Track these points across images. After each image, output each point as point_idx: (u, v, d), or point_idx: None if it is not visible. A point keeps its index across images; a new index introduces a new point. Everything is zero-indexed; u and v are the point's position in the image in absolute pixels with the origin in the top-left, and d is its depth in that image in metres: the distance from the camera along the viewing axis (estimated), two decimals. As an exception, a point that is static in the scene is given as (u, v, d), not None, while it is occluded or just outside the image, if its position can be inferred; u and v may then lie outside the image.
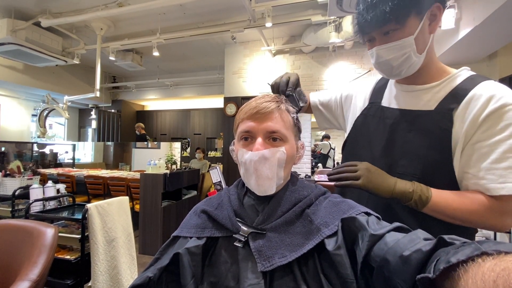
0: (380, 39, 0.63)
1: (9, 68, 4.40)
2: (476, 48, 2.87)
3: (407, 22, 0.59)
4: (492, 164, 0.57)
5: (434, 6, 0.60)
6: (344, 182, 0.63)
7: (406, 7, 0.58)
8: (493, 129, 0.57)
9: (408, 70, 0.65)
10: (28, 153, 4.69)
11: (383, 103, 0.75)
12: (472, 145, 0.60)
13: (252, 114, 0.56)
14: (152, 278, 0.53)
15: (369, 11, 0.60)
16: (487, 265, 0.27)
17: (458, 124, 0.61)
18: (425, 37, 0.62)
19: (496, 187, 0.57)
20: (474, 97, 0.60)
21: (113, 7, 3.11)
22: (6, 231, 1.28)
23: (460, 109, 0.61)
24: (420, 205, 0.60)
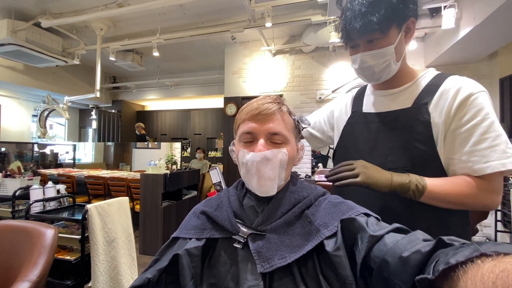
0: (364, 46, 0.69)
1: (9, 68, 4.40)
2: (476, 48, 2.87)
3: (390, 32, 0.66)
4: (473, 147, 0.63)
5: (409, 20, 0.68)
6: (344, 181, 0.64)
7: (389, 19, 0.64)
8: (467, 116, 0.63)
9: (387, 76, 0.72)
10: (28, 153, 4.69)
11: (364, 110, 0.81)
12: (451, 132, 0.65)
13: (253, 115, 0.56)
14: (151, 279, 0.53)
15: (357, 19, 0.65)
16: (486, 266, 0.27)
17: (435, 115, 0.67)
18: (402, 46, 0.70)
19: (481, 167, 0.61)
20: (444, 90, 0.67)
21: (113, 7, 3.11)
22: (6, 231, 1.28)
23: (434, 102, 0.67)
24: (418, 194, 0.62)
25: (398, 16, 0.64)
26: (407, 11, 0.66)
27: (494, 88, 3.25)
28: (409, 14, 0.66)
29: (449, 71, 0.72)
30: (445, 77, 0.69)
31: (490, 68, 3.29)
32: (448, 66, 3.40)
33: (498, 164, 0.60)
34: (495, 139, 0.61)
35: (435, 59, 3.23)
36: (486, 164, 0.61)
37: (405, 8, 0.65)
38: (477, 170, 0.62)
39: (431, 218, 0.68)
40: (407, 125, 0.69)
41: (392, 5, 0.63)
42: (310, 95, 3.98)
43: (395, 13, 0.63)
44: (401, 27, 0.67)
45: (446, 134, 0.66)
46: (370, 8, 0.63)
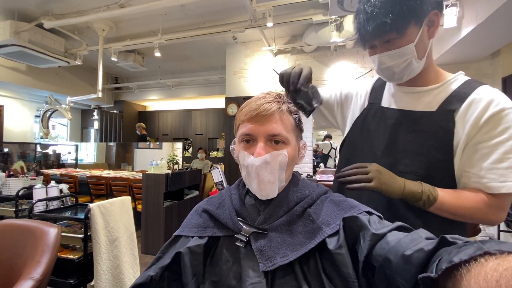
0: (382, 47, 0.66)
1: (12, 69, 4.43)
2: (479, 47, 2.86)
3: (407, 31, 0.62)
4: (493, 164, 0.61)
5: (431, 13, 0.63)
6: (357, 185, 0.62)
7: (405, 18, 0.60)
8: (493, 131, 0.61)
9: (410, 75, 0.68)
10: (31, 153, 4.73)
11: (382, 103, 0.77)
12: (473, 145, 0.63)
13: (252, 116, 0.55)
14: (154, 277, 0.53)
15: (370, 21, 0.62)
16: (490, 265, 0.27)
17: (459, 125, 0.64)
18: (425, 42, 0.65)
19: (497, 185, 0.60)
20: (475, 100, 0.63)
21: (115, 8, 3.13)
22: (10, 231, 1.29)
23: (461, 111, 0.64)
24: (428, 204, 0.62)
25: (415, 13, 0.60)
26: (427, 6, 0.61)
27: (496, 87, 3.19)
28: (429, 9, 0.62)
29: (452, 70, 0.70)
30: (476, 85, 0.65)
31: (493, 67, 3.27)
32: (450, 65, 3.38)
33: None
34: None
35: (437, 58, 3.22)
36: (503, 184, 0.60)
37: (423, 3, 0.60)
38: (492, 188, 0.61)
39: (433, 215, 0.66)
40: (428, 130, 0.66)
41: (407, 3, 0.59)
42: (312, 95, 3.98)
43: (411, 10, 0.60)
44: (422, 23, 0.62)
45: (467, 146, 0.63)
46: (382, 9, 0.60)
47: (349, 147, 0.81)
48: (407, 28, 0.61)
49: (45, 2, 3.21)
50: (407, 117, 0.70)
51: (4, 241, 1.26)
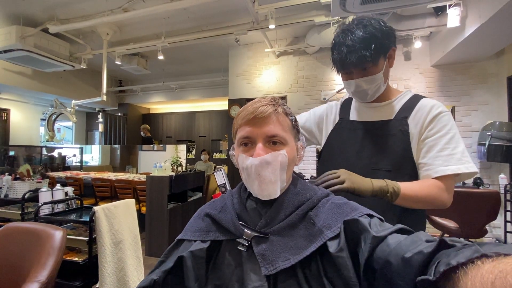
0: (358, 73, 0.81)
1: (18, 73, 4.50)
2: (482, 46, 2.83)
3: (379, 62, 0.79)
4: (437, 153, 0.77)
5: (391, 49, 0.82)
6: (333, 187, 0.69)
7: (378, 52, 0.78)
8: (435, 129, 0.79)
9: (376, 94, 0.85)
10: (37, 156, 4.78)
11: (351, 117, 0.93)
12: (422, 141, 0.80)
13: (249, 120, 0.56)
14: (157, 281, 0.54)
15: (352, 54, 0.77)
16: (486, 267, 0.27)
17: (412, 127, 0.82)
18: (387, 71, 0.84)
19: (442, 169, 0.75)
20: (420, 107, 0.82)
21: (119, 12, 3.16)
22: (16, 233, 1.31)
23: (411, 116, 0.82)
24: (394, 196, 0.72)
25: (384, 48, 0.79)
26: (390, 43, 0.79)
27: (501, 86, 3.20)
28: (390, 45, 0.80)
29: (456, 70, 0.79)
30: (420, 98, 0.85)
31: (497, 66, 3.24)
32: (454, 65, 3.35)
33: (455, 168, 0.74)
34: (454, 149, 0.76)
35: (440, 58, 3.19)
36: (446, 167, 0.75)
37: (388, 41, 0.79)
38: (439, 171, 0.75)
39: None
40: (390, 133, 0.83)
41: (379, 40, 0.77)
42: (315, 96, 3.98)
43: (382, 46, 0.78)
44: (386, 56, 0.81)
45: (418, 142, 0.80)
46: (362, 44, 0.76)
47: (327, 156, 0.96)
48: (379, 60, 0.79)
49: (50, 7, 3.26)
50: (372, 126, 0.87)
51: (10, 244, 1.28)
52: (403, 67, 3.62)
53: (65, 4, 3.18)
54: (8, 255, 1.24)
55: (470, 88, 3.35)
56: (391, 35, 0.79)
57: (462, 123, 3.39)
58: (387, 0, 1.93)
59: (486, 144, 2.95)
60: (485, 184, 3.23)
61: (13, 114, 5.24)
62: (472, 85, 3.34)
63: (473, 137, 3.33)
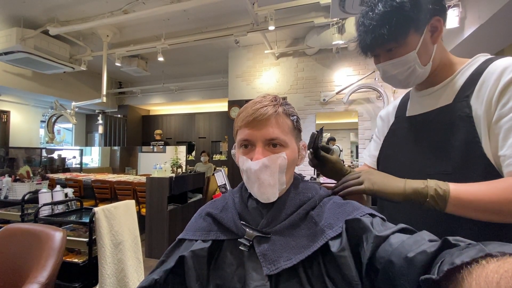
0: (384, 55, 0.65)
1: (18, 75, 4.50)
2: (482, 47, 2.84)
3: (407, 40, 0.61)
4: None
5: (433, 19, 0.61)
6: (348, 189, 0.62)
7: (403, 27, 0.59)
8: (511, 102, 0.52)
9: (416, 80, 0.66)
10: (37, 158, 4.78)
11: (407, 114, 0.75)
12: (495, 124, 0.54)
13: (249, 122, 0.55)
14: (158, 281, 0.54)
15: (368, 34, 0.63)
16: (491, 266, 0.27)
17: (476, 107, 0.57)
18: (428, 49, 0.63)
19: None
20: (487, 75, 0.57)
21: (119, 14, 3.17)
22: (16, 235, 1.30)
23: (475, 93, 0.58)
24: (440, 201, 0.52)
25: (413, 22, 0.59)
26: (426, 13, 0.60)
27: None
28: (428, 16, 0.60)
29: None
30: (493, 60, 0.58)
31: (497, 67, 3.25)
32: (453, 66, 3.36)
33: None
34: None
35: (440, 59, 3.20)
36: None
37: (420, 12, 0.59)
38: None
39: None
40: (447, 123, 0.61)
41: (405, 13, 0.58)
42: (314, 97, 3.98)
43: (408, 20, 0.59)
44: (422, 30, 0.61)
45: (490, 127, 0.55)
46: (380, 21, 0.60)
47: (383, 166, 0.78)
48: (406, 37, 0.60)
49: (50, 9, 3.27)
50: (426, 117, 0.67)
51: (10, 245, 1.27)
52: (403, 68, 3.62)
53: (65, 6, 3.19)
54: (8, 256, 1.24)
55: (469, 89, 3.35)
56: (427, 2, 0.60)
57: (462, 124, 3.39)
58: (387, 1, 1.94)
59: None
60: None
61: (13, 116, 5.24)
62: (472, 85, 3.34)
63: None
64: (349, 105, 3.81)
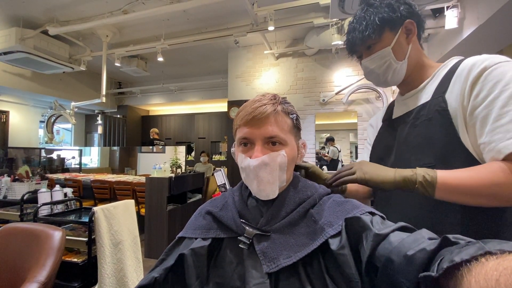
0: (366, 53, 0.74)
1: (17, 75, 4.50)
2: (480, 48, 2.85)
3: (383, 36, 0.70)
4: (493, 123, 0.54)
5: (406, 22, 0.70)
6: (341, 179, 0.65)
7: (379, 26, 0.69)
8: (483, 92, 0.57)
9: (394, 76, 0.73)
10: (36, 158, 4.77)
11: (393, 117, 0.82)
12: (470, 115, 0.59)
13: (248, 120, 0.55)
14: (157, 279, 0.54)
15: (350, 33, 0.74)
16: (490, 264, 0.27)
17: (451, 102, 0.62)
18: (403, 47, 0.71)
19: (505, 144, 0.52)
20: (459, 72, 0.63)
21: (118, 14, 3.17)
22: (15, 234, 1.30)
23: (450, 88, 0.64)
24: (429, 187, 0.56)
25: (388, 21, 0.69)
26: (400, 15, 0.69)
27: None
28: (402, 19, 0.69)
29: None
30: (464, 59, 0.64)
31: (496, 67, 3.26)
32: (452, 67, 3.37)
33: None
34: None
35: (439, 59, 3.21)
36: (509, 141, 0.52)
37: (394, 14, 0.69)
38: (502, 149, 0.52)
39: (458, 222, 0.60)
40: (427, 119, 0.66)
41: (380, 15, 0.69)
42: (314, 98, 3.99)
43: (383, 20, 0.69)
44: (397, 30, 0.70)
45: (467, 119, 0.59)
46: (360, 22, 0.71)
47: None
48: (381, 34, 0.70)
49: (50, 9, 3.26)
50: (408, 116, 0.73)
51: (9, 244, 1.27)
52: (402, 68, 3.63)
53: (65, 6, 3.19)
54: (7, 256, 1.23)
55: (468, 90, 3.36)
56: (400, 6, 0.68)
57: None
58: (386, 2, 1.94)
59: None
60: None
61: (12, 116, 5.23)
62: (471, 86, 3.35)
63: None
64: (348, 105, 3.82)
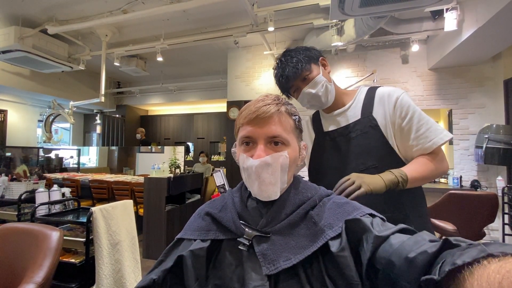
0: (303, 84, 0.90)
1: (16, 74, 4.48)
2: (479, 50, 2.86)
3: (312, 68, 0.89)
4: (416, 133, 0.84)
5: (320, 58, 0.91)
6: (354, 194, 0.72)
7: (307, 62, 0.88)
8: (403, 112, 0.85)
9: (330, 96, 0.92)
10: (34, 158, 4.74)
11: (325, 130, 0.99)
12: (398, 127, 0.86)
13: (251, 119, 0.55)
14: (156, 280, 0.53)
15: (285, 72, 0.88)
16: (493, 267, 0.27)
17: (379, 119, 0.87)
18: (326, 74, 0.92)
19: (429, 145, 0.83)
20: (379, 98, 0.89)
21: (118, 13, 3.16)
22: (12, 234, 1.29)
23: (375, 110, 0.89)
24: (405, 183, 0.77)
25: (311, 58, 0.89)
26: (315, 54, 0.91)
27: (498, 90, 3.22)
28: (316, 55, 0.90)
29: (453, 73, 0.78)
30: (374, 89, 0.92)
31: (494, 69, 3.27)
32: (451, 68, 3.38)
33: (438, 139, 0.82)
34: (427, 123, 0.84)
35: (438, 61, 3.22)
36: (431, 142, 0.82)
37: (311, 53, 0.90)
38: (427, 148, 0.83)
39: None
40: (362, 131, 0.88)
41: (302, 56, 0.88)
42: (313, 99, 3.99)
43: (307, 57, 0.88)
44: (318, 64, 0.90)
45: (396, 131, 0.86)
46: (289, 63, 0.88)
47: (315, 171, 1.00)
48: (311, 66, 0.88)
49: (49, 8, 3.25)
50: (346, 130, 0.92)
51: (6, 244, 1.26)
52: (401, 70, 3.64)
53: (64, 5, 3.18)
54: (4, 256, 1.22)
55: (467, 91, 3.37)
56: (311, 49, 0.92)
57: (460, 126, 3.41)
58: (385, 4, 1.95)
59: (483, 146, 2.96)
60: (482, 186, 3.24)
61: (10, 115, 5.20)
62: (469, 88, 3.37)
63: (470, 140, 3.35)
64: (347, 106, 3.82)
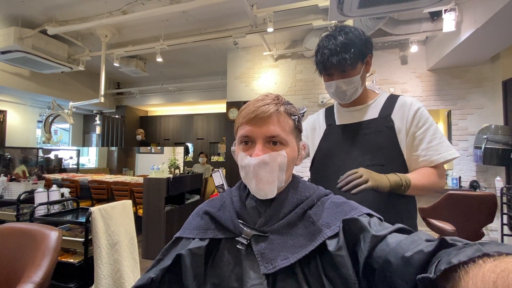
0: (338, 75, 0.89)
1: (15, 75, 4.48)
2: (478, 51, 2.87)
3: (357, 66, 0.87)
4: (427, 144, 0.86)
5: (368, 55, 0.90)
6: (360, 187, 0.73)
7: (357, 57, 0.85)
8: (420, 123, 0.87)
9: (353, 97, 0.93)
10: (33, 158, 4.74)
11: (337, 123, 1.00)
12: (412, 136, 0.88)
13: (250, 119, 0.55)
14: (154, 279, 0.53)
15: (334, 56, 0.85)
16: (488, 266, 0.27)
17: (397, 122, 0.89)
18: (364, 75, 0.91)
19: (436, 158, 0.85)
20: (402, 104, 0.90)
21: (118, 14, 3.17)
22: (11, 234, 1.29)
23: (394, 113, 0.90)
24: (406, 188, 0.79)
25: (362, 54, 0.87)
26: (367, 50, 0.88)
27: (497, 91, 3.23)
28: (367, 52, 0.89)
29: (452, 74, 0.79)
30: (397, 96, 0.94)
31: (493, 70, 3.28)
32: (450, 69, 3.39)
33: (447, 154, 0.84)
34: (441, 138, 0.86)
35: (437, 62, 3.23)
36: (439, 156, 0.84)
37: (366, 48, 0.87)
38: (434, 161, 0.85)
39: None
40: (377, 130, 0.90)
41: (358, 47, 0.85)
42: (313, 99, 3.99)
43: (360, 52, 0.86)
44: (363, 62, 0.89)
45: (408, 138, 0.88)
46: (343, 48, 0.84)
47: (319, 162, 1.01)
48: (357, 64, 0.86)
49: (49, 8, 3.26)
50: (359, 126, 0.93)
51: (4, 244, 1.26)
52: (400, 71, 3.65)
53: (64, 5, 3.18)
54: (3, 256, 1.22)
55: (466, 92, 3.38)
56: (368, 43, 0.89)
57: (458, 127, 3.42)
58: (384, 5, 1.96)
59: (482, 147, 2.97)
60: (481, 187, 3.25)
61: (10, 116, 5.20)
62: (468, 89, 3.38)
63: (469, 141, 3.35)
64: (347, 107, 3.83)
